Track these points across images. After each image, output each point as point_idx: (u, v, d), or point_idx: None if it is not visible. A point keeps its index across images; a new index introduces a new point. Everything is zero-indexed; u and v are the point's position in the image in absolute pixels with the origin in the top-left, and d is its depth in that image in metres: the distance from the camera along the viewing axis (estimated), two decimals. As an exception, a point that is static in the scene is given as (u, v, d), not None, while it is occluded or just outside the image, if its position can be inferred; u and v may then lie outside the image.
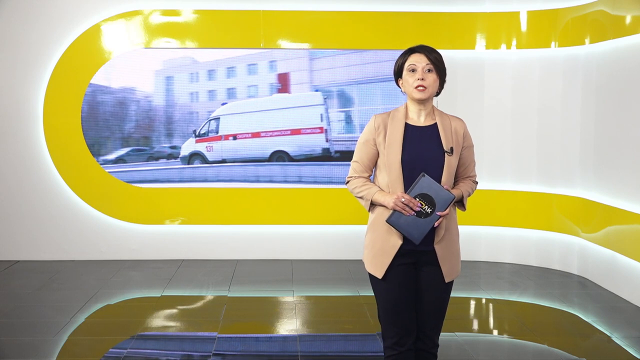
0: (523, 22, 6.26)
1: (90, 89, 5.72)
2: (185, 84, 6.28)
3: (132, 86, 5.89)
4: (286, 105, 5.03)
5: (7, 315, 4.77)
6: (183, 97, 6.29)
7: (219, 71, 6.27)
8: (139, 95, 5.88)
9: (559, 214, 6.19)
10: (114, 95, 5.81)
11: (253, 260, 6.52)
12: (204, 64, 6.29)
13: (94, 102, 5.87)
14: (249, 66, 6.16)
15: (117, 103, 5.89)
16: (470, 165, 2.88)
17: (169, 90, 6.17)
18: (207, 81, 6.18)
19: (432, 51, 2.77)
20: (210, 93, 6.24)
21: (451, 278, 2.81)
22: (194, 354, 4.13)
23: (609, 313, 4.96)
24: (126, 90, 5.80)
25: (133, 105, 5.92)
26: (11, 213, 6.42)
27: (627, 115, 5.25)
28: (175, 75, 6.17)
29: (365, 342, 4.40)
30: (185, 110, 6.35)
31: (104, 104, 5.81)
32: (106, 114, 5.81)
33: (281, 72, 6.18)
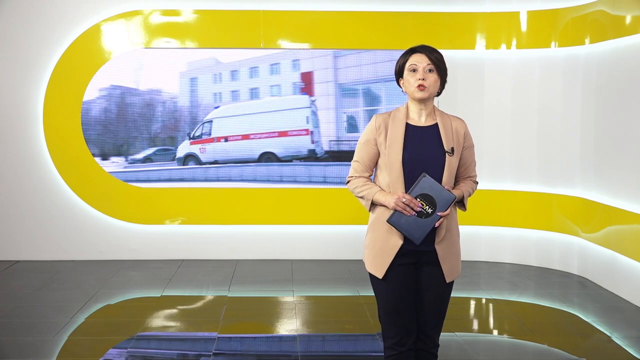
0: (523, 22, 6.26)
1: (120, 90, 5.93)
2: (209, 84, 6.36)
3: (158, 88, 6.09)
4: (274, 108, 5.36)
5: (7, 315, 4.77)
6: (207, 97, 6.37)
7: (242, 71, 6.35)
8: (165, 97, 6.07)
9: (559, 214, 6.19)
10: (141, 97, 6.01)
11: (253, 260, 6.52)
12: (227, 64, 6.35)
13: (123, 104, 6.05)
14: (271, 66, 6.25)
15: (144, 104, 6.05)
16: (470, 166, 2.88)
17: (193, 91, 6.30)
18: (230, 81, 6.32)
19: (433, 51, 2.78)
20: (233, 93, 6.37)
21: (452, 278, 2.81)
22: (194, 354, 4.13)
23: (609, 313, 4.96)
24: (153, 92, 6.00)
25: (159, 106, 6.12)
26: (11, 213, 6.42)
27: (627, 115, 5.25)
28: (200, 77, 6.28)
29: (365, 342, 4.40)
30: (209, 110, 6.44)
31: (132, 105, 6.02)
32: (134, 114, 6.00)
33: (305, 72, 6.26)
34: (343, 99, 6.37)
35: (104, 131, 6.25)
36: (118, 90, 6.21)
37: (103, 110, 6.25)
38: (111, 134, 6.15)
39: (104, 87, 6.28)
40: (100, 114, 6.27)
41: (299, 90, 6.28)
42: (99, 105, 6.19)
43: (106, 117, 6.24)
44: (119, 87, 6.16)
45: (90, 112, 6.17)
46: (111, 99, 6.32)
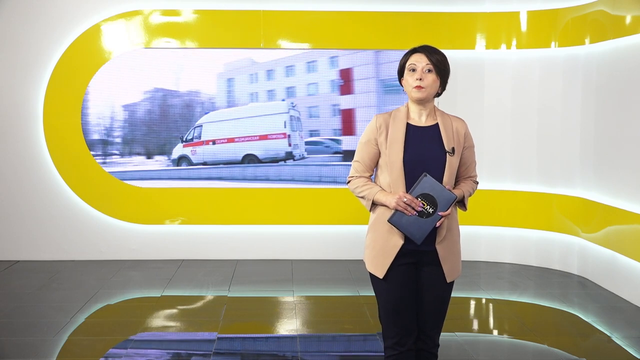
0: (523, 22, 6.26)
1: (162, 93, 6.16)
2: (246, 84, 6.42)
3: (197, 89, 6.26)
4: (256, 114, 5.82)
5: (7, 315, 4.77)
6: (243, 97, 6.44)
7: (278, 71, 6.41)
8: (204, 98, 6.25)
9: (559, 214, 6.19)
10: (181, 99, 6.22)
11: (253, 260, 6.52)
12: (263, 64, 6.41)
13: (164, 105, 6.25)
14: (308, 64, 6.36)
15: (184, 105, 6.22)
16: (471, 166, 2.88)
17: (230, 92, 6.41)
18: (266, 81, 6.42)
19: (434, 52, 2.77)
20: (269, 93, 6.46)
21: (452, 278, 2.81)
22: (194, 354, 4.13)
23: (609, 313, 4.96)
24: (192, 94, 6.22)
25: (198, 107, 6.28)
26: (11, 213, 6.42)
27: (627, 115, 5.25)
28: (236, 77, 6.38)
29: (365, 342, 4.40)
30: None
31: (174, 106, 6.22)
32: (175, 115, 6.23)
33: (344, 68, 6.33)
34: (385, 96, 6.37)
35: (148, 131, 6.38)
36: (160, 92, 6.36)
37: (147, 111, 6.38)
38: (154, 134, 6.31)
39: (148, 90, 6.40)
40: (144, 115, 6.40)
41: (337, 88, 6.29)
42: (143, 107, 6.36)
43: (150, 118, 6.38)
44: (161, 90, 6.33)
45: (136, 114, 6.36)
46: (154, 100, 6.41)
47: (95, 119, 6.31)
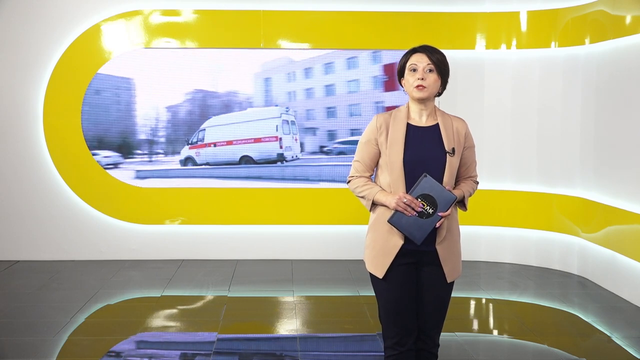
0: (523, 22, 6.26)
1: (202, 94, 6.34)
2: (283, 84, 6.48)
3: (235, 89, 6.39)
4: (252, 119, 6.13)
5: (7, 315, 4.77)
6: (281, 97, 6.50)
7: (316, 68, 6.45)
8: (241, 98, 6.39)
9: (559, 214, 6.19)
10: (220, 99, 6.37)
11: (253, 260, 6.52)
12: (300, 62, 6.45)
13: (204, 106, 6.39)
14: (348, 60, 6.42)
15: (223, 106, 6.36)
16: (471, 166, 2.88)
17: (268, 91, 6.49)
18: (304, 79, 6.48)
19: (435, 52, 2.77)
20: (307, 91, 6.51)
21: (453, 278, 2.81)
22: (194, 354, 4.13)
23: (609, 313, 4.96)
24: (230, 94, 6.38)
25: (236, 107, 6.40)
26: (11, 213, 6.42)
27: (627, 115, 5.25)
28: (273, 77, 6.45)
29: (365, 342, 4.40)
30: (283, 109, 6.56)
31: (213, 107, 6.39)
32: (214, 115, 6.42)
33: (388, 64, 6.37)
34: None
35: (189, 131, 6.47)
36: (200, 93, 6.47)
37: (188, 112, 6.47)
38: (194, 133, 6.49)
39: (189, 92, 6.47)
40: (185, 115, 6.50)
41: (381, 85, 6.30)
42: (184, 108, 6.47)
43: (191, 118, 6.47)
44: (201, 91, 6.46)
45: (178, 115, 6.48)
46: (194, 101, 6.48)
47: (141, 120, 6.43)
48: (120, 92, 6.34)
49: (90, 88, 6.26)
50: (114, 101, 6.35)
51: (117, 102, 6.36)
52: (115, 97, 6.34)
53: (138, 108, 6.39)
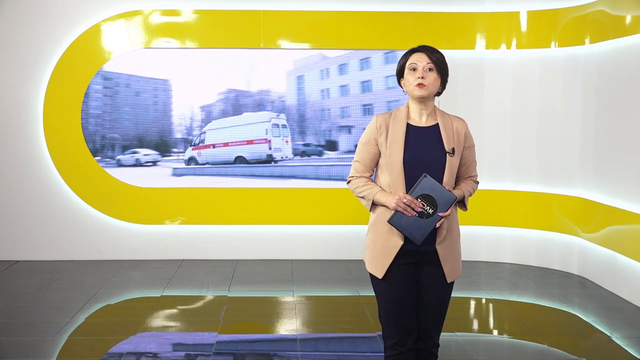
0: (523, 22, 6.26)
1: (235, 93, 6.46)
2: (316, 81, 6.51)
3: (267, 88, 6.49)
4: (245, 122, 6.36)
5: (7, 315, 4.77)
6: (314, 94, 6.54)
7: (351, 64, 6.47)
8: (274, 96, 6.50)
9: (559, 214, 6.19)
10: (252, 98, 6.48)
11: (253, 260, 6.52)
12: (334, 59, 6.45)
13: (237, 105, 6.49)
14: (385, 55, 6.46)
15: (255, 105, 6.46)
16: (471, 166, 2.88)
17: (300, 89, 6.56)
18: (339, 76, 6.50)
19: (434, 51, 2.78)
20: (342, 88, 6.53)
21: (453, 278, 2.81)
22: (194, 354, 4.13)
23: (609, 313, 4.96)
24: (262, 92, 6.49)
25: (269, 105, 6.51)
26: (11, 213, 6.42)
27: (627, 115, 5.25)
28: (306, 74, 6.50)
29: (365, 342, 4.40)
30: (316, 107, 6.57)
31: (245, 106, 6.49)
32: None
33: None
34: None
35: None
36: (233, 93, 6.54)
37: (221, 112, 6.53)
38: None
39: (222, 91, 6.52)
40: (218, 115, 6.54)
41: None
42: (218, 108, 6.54)
43: (224, 117, 6.54)
44: (234, 90, 6.53)
45: (211, 114, 6.54)
46: (227, 101, 6.53)
47: (177, 120, 6.52)
48: (158, 93, 6.48)
49: (130, 89, 6.41)
50: (152, 102, 6.49)
51: (155, 103, 6.50)
52: (154, 98, 6.49)
53: (174, 108, 6.50)
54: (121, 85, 6.41)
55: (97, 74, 6.33)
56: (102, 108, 6.43)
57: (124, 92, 6.40)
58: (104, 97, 6.41)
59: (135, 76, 6.39)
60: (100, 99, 6.41)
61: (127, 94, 6.36)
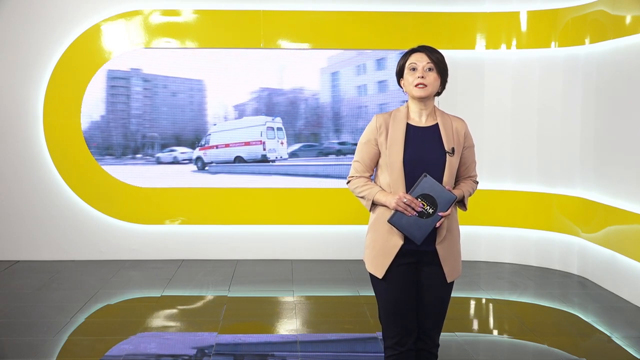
0: (523, 22, 6.26)
1: (267, 92, 6.57)
2: (352, 77, 6.50)
3: (300, 86, 6.58)
4: (243, 126, 6.55)
5: (7, 315, 4.77)
6: (350, 91, 6.55)
7: (390, 58, 6.47)
8: (307, 94, 6.58)
9: (559, 214, 6.19)
10: (285, 96, 6.58)
11: (253, 260, 6.52)
12: (372, 53, 6.45)
13: (270, 104, 6.59)
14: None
15: (289, 103, 6.54)
16: (471, 165, 2.88)
17: (335, 86, 6.59)
18: (376, 71, 6.51)
19: (434, 51, 2.78)
20: (380, 84, 6.54)
21: (453, 278, 2.81)
22: (194, 354, 4.13)
23: (609, 313, 4.96)
24: (295, 91, 6.58)
25: (302, 104, 6.60)
26: (11, 213, 6.42)
27: (627, 115, 5.25)
28: (341, 70, 6.51)
29: (365, 343, 4.40)
30: (353, 104, 6.57)
31: (278, 104, 6.59)
32: (280, 113, 6.61)
33: None
34: None
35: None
36: (266, 91, 6.60)
37: (254, 110, 6.60)
38: None
39: (254, 90, 6.57)
40: (252, 113, 6.62)
41: None
42: (251, 107, 6.62)
43: (257, 116, 6.63)
44: (266, 89, 6.60)
45: (244, 113, 6.62)
46: (260, 99, 6.59)
47: (211, 119, 6.61)
48: (193, 93, 6.60)
49: (166, 90, 6.54)
50: (188, 102, 6.60)
51: (191, 103, 6.60)
52: (189, 98, 6.60)
53: (208, 107, 6.60)
54: (159, 87, 6.56)
55: (137, 76, 6.48)
56: (142, 109, 6.57)
57: (162, 93, 6.55)
58: (144, 98, 6.56)
59: (171, 77, 6.54)
60: (141, 100, 6.55)
61: (164, 94, 6.53)
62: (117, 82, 6.47)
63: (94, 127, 6.50)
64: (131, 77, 6.47)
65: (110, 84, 6.46)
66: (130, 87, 6.48)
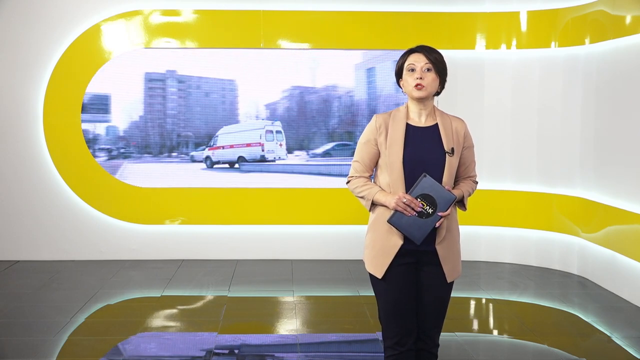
0: (523, 22, 6.26)
1: (299, 90, 6.62)
2: (389, 72, 6.48)
3: (334, 83, 6.59)
4: (245, 129, 6.69)
5: (7, 315, 4.77)
6: (387, 87, 6.52)
7: None
8: (341, 92, 6.59)
9: (559, 214, 6.19)
10: (318, 94, 6.62)
11: (253, 260, 6.52)
12: None
13: (302, 102, 6.63)
14: None
15: (321, 101, 6.57)
16: (470, 166, 2.88)
17: (371, 82, 6.57)
18: None
19: (432, 51, 2.78)
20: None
21: (453, 278, 2.81)
22: (194, 354, 4.13)
23: (609, 313, 4.96)
24: (329, 88, 6.62)
25: (335, 101, 6.62)
26: (11, 213, 6.42)
27: (627, 115, 5.25)
28: (377, 66, 6.50)
29: (365, 343, 4.40)
30: (390, 101, 6.55)
31: (310, 102, 6.63)
32: (312, 111, 6.67)
33: None
34: None
35: (287, 127, 6.69)
36: (297, 90, 6.63)
37: (286, 109, 6.65)
38: (293, 130, 6.70)
39: (286, 89, 6.62)
40: (283, 112, 6.67)
41: None
42: (282, 105, 6.67)
43: (289, 115, 6.67)
44: (298, 87, 6.63)
45: (276, 112, 6.68)
46: (292, 98, 6.62)
47: (243, 118, 6.68)
48: (225, 93, 6.69)
49: (200, 90, 6.63)
50: (220, 101, 6.67)
51: (223, 102, 6.68)
52: (221, 98, 6.68)
53: (240, 107, 6.66)
54: (193, 87, 6.66)
55: (172, 77, 6.57)
56: (177, 109, 6.66)
57: (195, 93, 6.64)
58: (179, 99, 6.65)
59: (204, 77, 6.62)
60: (176, 100, 6.65)
61: (198, 94, 6.63)
62: (154, 84, 6.60)
63: (133, 127, 6.61)
64: (167, 78, 6.59)
65: (148, 86, 6.58)
66: (166, 88, 6.62)
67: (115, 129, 6.58)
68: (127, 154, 6.59)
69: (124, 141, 6.57)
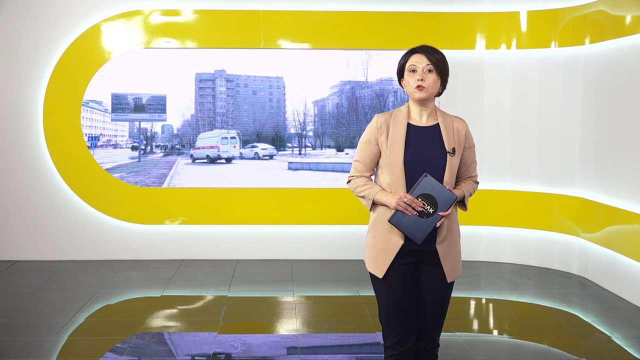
0: (523, 22, 6.26)
1: (350, 85, 6.61)
2: None
3: (389, 77, 6.57)
4: (210, 136, 6.82)
5: (7, 315, 4.77)
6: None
7: None
8: (396, 85, 6.52)
9: (559, 214, 6.19)
10: (371, 89, 6.61)
11: (253, 260, 6.52)
12: None
13: (352, 97, 6.63)
14: None
15: (375, 96, 6.56)
16: (471, 166, 2.88)
17: None
18: None
19: (434, 52, 2.77)
20: None
21: (453, 278, 2.81)
22: (194, 354, 4.13)
23: (609, 313, 4.96)
24: (383, 82, 6.59)
25: (391, 96, 6.61)
26: (11, 213, 6.42)
27: (627, 115, 5.25)
28: None
29: (365, 343, 4.40)
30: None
31: (362, 98, 6.62)
32: (365, 107, 6.66)
33: None
34: None
35: (338, 125, 6.71)
36: (348, 85, 6.63)
37: (335, 105, 6.65)
38: (344, 127, 6.71)
39: (335, 85, 6.62)
40: (333, 109, 6.68)
41: None
42: (332, 101, 6.67)
43: (339, 111, 6.67)
44: (348, 82, 6.63)
45: (325, 108, 6.69)
46: (342, 94, 6.62)
47: (291, 115, 6.71)
48: (272, 91, 6.73)
49: (247, 89, 6.71)
50: (267, 99, 6.73)
51: (270, 100, 6.74)
52: (269, 96, 6.74)
53: (287, 104, 6.71)
54: (241, 86, 6.72)
55: (221, 77, 6.65)
56: (226, 107, 6.73)
57: (243, 92, 6.72)
58: (227, 97, 6.72)
59: (252, 76, 6.69)
60: (224, 99, 6.71)
61: (245, 93, 6.71)
62: (205, 84, 6.68)
63: (185, 125, 6.72)
64: (216, 78, 6.66)
65: (199, 86, 6.66)
66: (216, 88, 6.70)
67: (169, 127, 6.77)
68: (181, 151, 6.77)
69: (178, 139, 6.77)
